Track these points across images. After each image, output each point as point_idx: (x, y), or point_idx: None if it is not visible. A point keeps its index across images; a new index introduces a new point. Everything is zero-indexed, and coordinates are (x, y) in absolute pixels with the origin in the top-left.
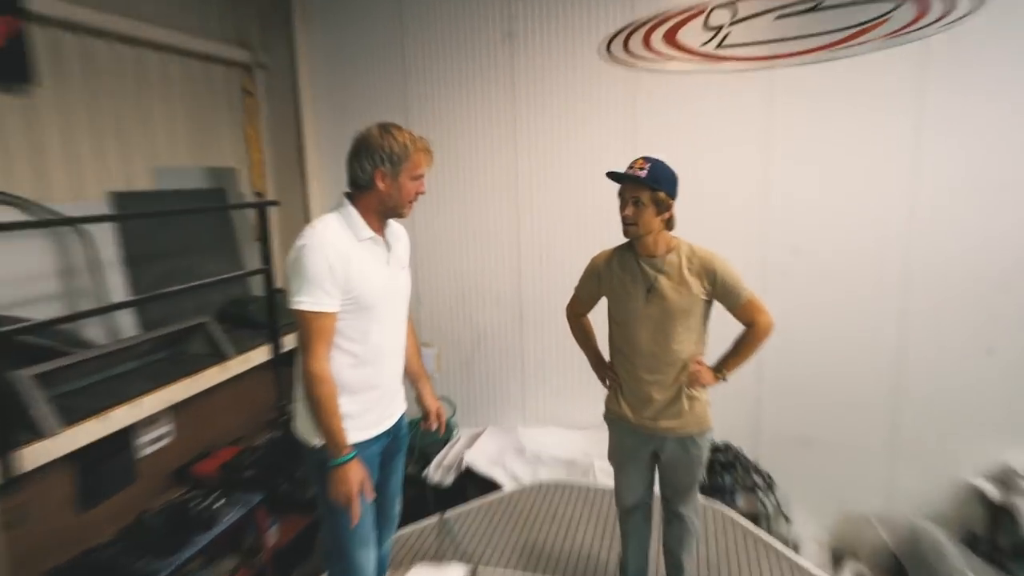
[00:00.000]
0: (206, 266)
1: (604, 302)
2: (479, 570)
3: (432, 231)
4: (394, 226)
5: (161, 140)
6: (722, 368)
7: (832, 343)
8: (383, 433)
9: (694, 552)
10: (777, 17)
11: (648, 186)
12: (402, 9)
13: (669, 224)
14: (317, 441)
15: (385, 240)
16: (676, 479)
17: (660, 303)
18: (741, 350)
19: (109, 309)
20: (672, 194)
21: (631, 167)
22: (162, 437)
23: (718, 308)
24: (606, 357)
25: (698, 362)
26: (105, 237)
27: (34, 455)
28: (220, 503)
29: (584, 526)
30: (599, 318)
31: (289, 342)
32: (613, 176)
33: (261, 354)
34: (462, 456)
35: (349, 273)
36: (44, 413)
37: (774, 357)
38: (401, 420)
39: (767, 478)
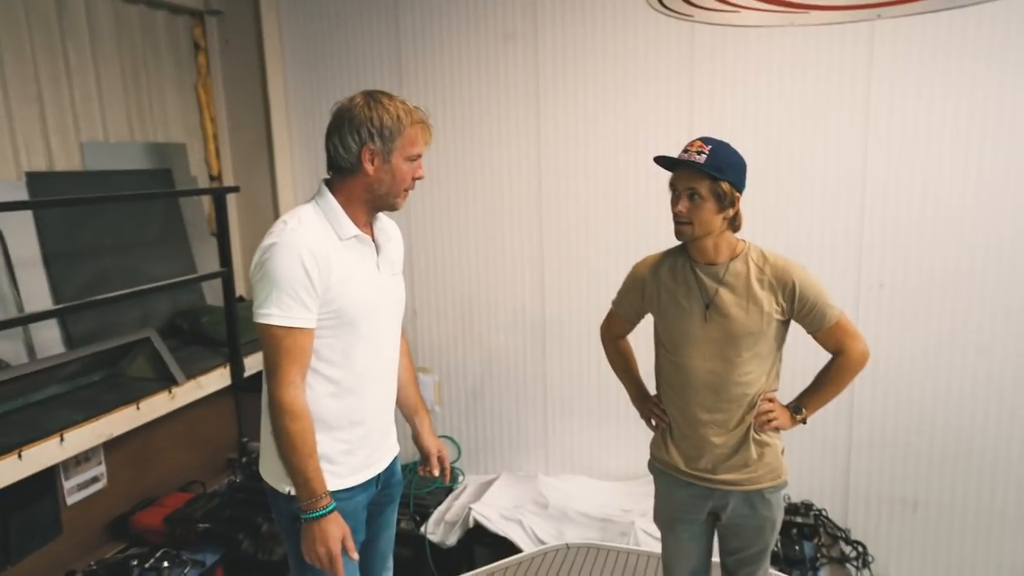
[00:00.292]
0: (149, 267)
1: (649, 321)
2: None
3: (431, 227)
4: (384, 221)
5: (91, 108)
6: (801, 407)
7: (944, 381)
8: (370, 480)
9: None
10: None
11: (708, 175)
12: None
13: (734, 224)
14: (289, 488)
15: (374, 239)
16: (740, 546)
17: (721, 323)
18: (826, 385)
19: (26, 320)
20: (739, 185)
21: (686, 150)
22: (95, 480)
23: (796, 331)
24: (651, 390)
25: (770, 399)
26: (21, 229)
27: None
28: (165, 564)
29: None
30: (642, 341)
31: (254, 364)
32: (663, 161)
33: (218, 379)
34: (469, 510)
35: (330, 281)
36: None
37: (869, 395)
38: (393, 464)
39: (859, 548)
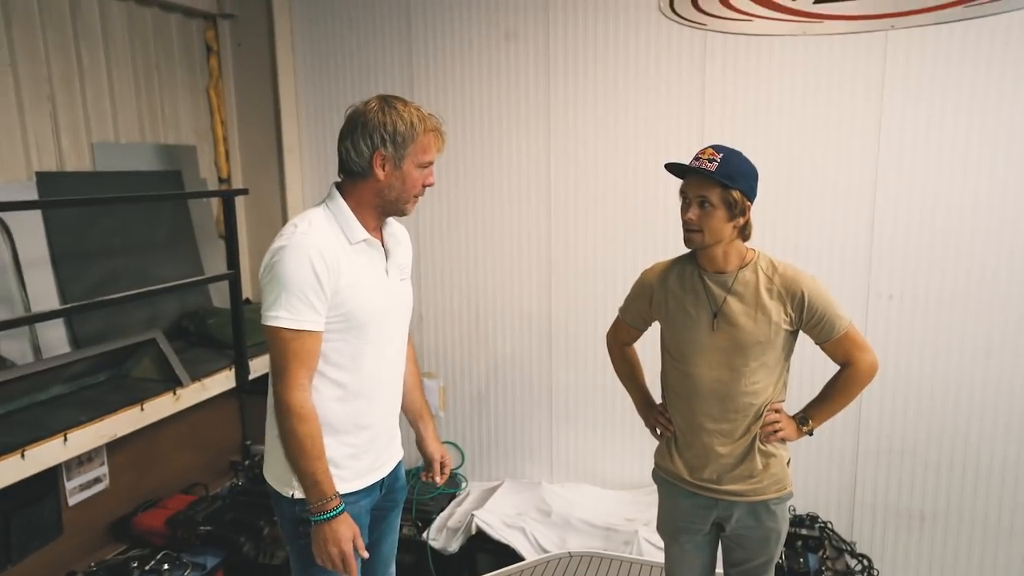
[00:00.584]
0: (156, 269)
1: (656, 328)
2: None
3: (439, 232)
4: (394, 226)
5: (103, 109)
6: (808, 418)
7: (952, 393)
8: (375, 484)
9: None
10: None
11: (719, 182)
12: None
13: (744, 232)
14: (292, 491)
15: (383, 243)
16: (744, 557)
17: (729, 332)
18: (834, 397)
19: (32, 320)
20: (750, 194)
21: (698, 158)
22: (97, 481)
23: (804, 341)
24: (657, 398)
25: (776, 409)
26: (30, 229)
27: None
28: (166, 566)
29: None
30: (649, 348)
31: (259, 366)
32: (674, 169)
33: (223, 381)
34: (472, 516)
35: (339, 284)
36: None
37: (877, 406)
38: (397, 469)
39: (865, 561)
